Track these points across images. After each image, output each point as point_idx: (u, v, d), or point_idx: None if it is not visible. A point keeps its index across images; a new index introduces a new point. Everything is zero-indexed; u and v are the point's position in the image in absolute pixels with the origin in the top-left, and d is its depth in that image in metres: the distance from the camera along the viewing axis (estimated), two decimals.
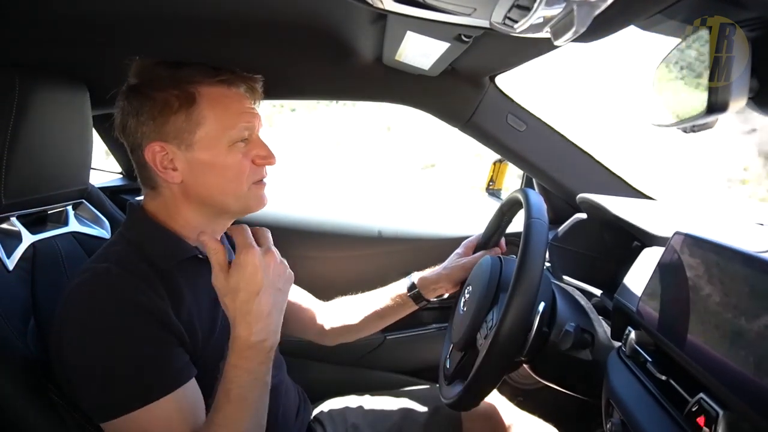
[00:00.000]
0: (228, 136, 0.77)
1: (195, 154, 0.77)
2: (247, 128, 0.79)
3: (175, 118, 0.76)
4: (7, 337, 0.73)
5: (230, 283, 0.68)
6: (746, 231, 0.89)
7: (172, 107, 0.76)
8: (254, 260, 0.69)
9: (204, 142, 0.77)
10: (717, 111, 0.58)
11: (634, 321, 0.76)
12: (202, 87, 0.77)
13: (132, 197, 1.47)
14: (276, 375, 0.92)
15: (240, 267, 0.68)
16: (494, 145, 1.37)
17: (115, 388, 0.66)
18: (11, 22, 0.86)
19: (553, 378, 0.89)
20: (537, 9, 0.43)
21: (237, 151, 0.79)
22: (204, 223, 0.82)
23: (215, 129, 0.77)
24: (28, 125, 0.81)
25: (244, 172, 0.79)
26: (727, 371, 0.51)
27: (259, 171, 0.82)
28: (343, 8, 0.84)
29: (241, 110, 0.80)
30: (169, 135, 0.77)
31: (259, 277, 0.69)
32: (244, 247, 0.69)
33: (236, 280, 0.68)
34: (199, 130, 0.76)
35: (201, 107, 0.77)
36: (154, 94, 0.77)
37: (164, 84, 0.77)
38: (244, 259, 0.69)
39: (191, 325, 0.75)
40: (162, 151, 0.76)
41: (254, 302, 0.68)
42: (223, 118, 0.78)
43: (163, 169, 0.77)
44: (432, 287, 1.07)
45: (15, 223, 0.86)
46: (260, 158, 0.81)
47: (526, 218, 0.82)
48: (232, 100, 0.80)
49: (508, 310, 0.74)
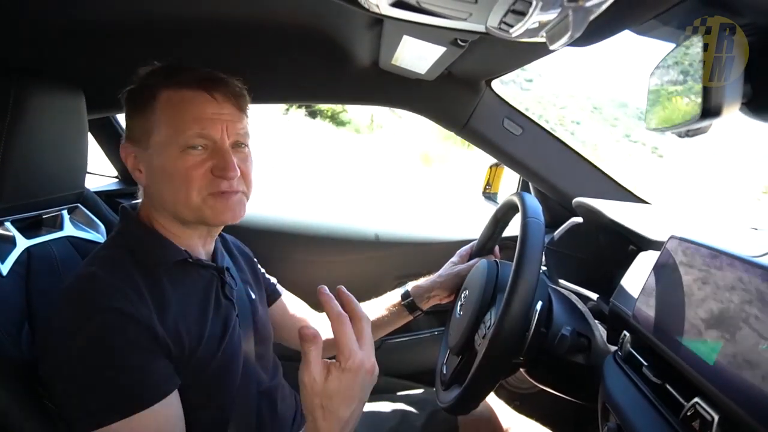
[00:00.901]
0: (178, 141, 0.74)
1: (150, 157, 0.76)
2: (200, 135, 0.75)
3: (138, 120, 0.77)
4: (1, 343, 0.72)
5: (327, 387, 0.61)
6: (741, 235, 0.90)
7: (136, 109, 0.77)
8: (358, 369, 0.62)
9: (157, 147, 0.75)
10: (711, 116, 0.58)
11: (630, 325, 0.76)
12: (165, 90, 0.76)
13: (128, 201, 1.47)
14: (273, 379, 0.92)
15: (342, 373, 0.61)
16: (490, 149, 1.37)
17: (94, 398, 0.64)
18: (7, 27, 0.86)
19: (550, 382, 0.89)
20: (533, 14, 0.43)
21: (188, 158, 0.74)
22: (180, 230, 0.80)
23: (167, 133, 0.75)
24: (23, 129, 0.81)
25: (193, 180, 0.74)
26: (723, 376, 0.51)
27: (216, 182, 0.76)
28: (339, 13, 0.85)
29: (197, 115, 0.75)
30: (134, 137, 0.78)
31: (358, 389, 0.63)
32: (350, 354, 0.61)
33: (335, 388, 0.61)
34: (154, 133, 0.76)
35: (157, 110, 0.75)
36: (130, 96, 0.79)
37: (136, 87, 0.78)
38: (350, 366, 0.61)
39: (177, 333, 0.72)
40: (132, 153, 0.78)
41: (344, 415, 0.62)
42: (176, 122, 0.75)
43: (133, 170, 0.79)
44: (426, 296, 1.07)
45: (9, 228, 0.85)
46: (217, 169, 0.75)
47: (522, 218, 0.83)
48: (191, 104, 0.75)
49: (507, 307, 0.73)
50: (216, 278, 0.84)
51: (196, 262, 0.81)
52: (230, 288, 0.86)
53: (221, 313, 0.82)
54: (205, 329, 0.77)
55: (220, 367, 0.77)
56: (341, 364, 0.61)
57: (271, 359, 0.96)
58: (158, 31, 0.94)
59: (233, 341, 0.81)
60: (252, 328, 0.89)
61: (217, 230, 0.86)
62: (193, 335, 0.75)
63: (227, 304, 0.84)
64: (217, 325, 0.80)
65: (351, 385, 0.62)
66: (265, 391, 0.88)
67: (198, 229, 0.82)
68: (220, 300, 0.83)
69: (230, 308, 0.84)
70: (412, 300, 1.07)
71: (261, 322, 0.93)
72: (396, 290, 1.11)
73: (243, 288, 0.92)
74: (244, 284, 0.93)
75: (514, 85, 56.69)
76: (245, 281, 0.95)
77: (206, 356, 0.76)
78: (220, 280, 0.84)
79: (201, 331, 0.77)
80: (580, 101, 45.27)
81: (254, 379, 0.86)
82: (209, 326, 0.78)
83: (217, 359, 0.77)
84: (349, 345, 0.62)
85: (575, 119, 44.09)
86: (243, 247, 1.06)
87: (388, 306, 1.09)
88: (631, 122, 44.21)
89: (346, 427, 0.63)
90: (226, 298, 0.84)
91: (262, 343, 0.91)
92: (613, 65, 27.46)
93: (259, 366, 0.88)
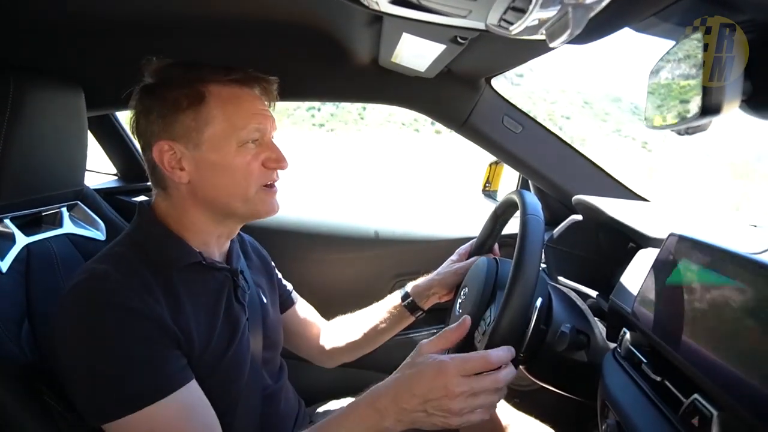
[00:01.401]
0: (237, 137, 0.76)
1: (203, 153, 0.76)
2: (257, 129, 0.78)
3: (184, 117, 0.75)
4: (0, 340, 0.72)
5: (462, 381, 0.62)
6: (740, 232, 0.90)
7: (180, 106, 0.75)
8: (453, 388, 0.62)
9: (212, 142, 0.76)
10: (711, 113, 0.58)
11: (630, 322, 0.76)
12: (213, 86, 0.77)
13: (128, 198, 1.47)
14: (278, 381, 0.92)
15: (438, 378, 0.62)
16: (490, 147, 1.37)
17: (110, 390, 0.65)
18: (6, 24, 0.85)
19: (549, 379, 0.89)
20: (532, 11, 0.43)
21: (246, 153, 0.77)
22: (211, 226, 0.81)
23: (224, 128, 0.76)
24: (22, 126, 0.81)
25: (253, 174, 0.78)
26: (722, 372, 0.52)
27: (268, 174, 0.80)
28: (339, 10, 0.85)
29: (252, 110, 0.78)
30: (177, 134, 0.76)
31: (441, 402, 0.63)
32: (458, 375, 0.62)
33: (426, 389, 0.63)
34: (207, 129, 0.76)
35: (210, 106, 0.76)
36: (165, 93, 0.76)
37: (175, 83, 0.76)
38: (449, 381, 0.62)
39: (188, 334, 0.73)
40: (170, 150, 0.76)
41: (417, 412, 0.63)
42: (233, 118, 0.76)
43: (170, 169, 0.77)
44: (425, 294, 1.07)
45: (9, 225, 0.85)
46: (271, 161, 0.79)
47: (522, 215, 0.83)
48: (243, 99, 0.78)
49: (507, 302, 0.73)
50: (229, 281, 0.84)
51: (210, 265, 0.81)
52: (242, 291, 0.85)
53: (232, 316, 0.82)
54: (215, 332, 0.77)
55: (226, 371, 0.77)
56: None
57: (278, 364, 0.96)
58: (157, 28, 0.94)
59: (241, 345, 0.81)
60: (261, 332, 0.89)
61: (239, 228, 0.87)
62: (202, 337, 0.75)
63: (238, 308, 0.83)
64: (227, 329, 0.80)
65: (436, 396, 0.62)
66: (270, 395, 0.88)
67: (230, 225, 0.84)
68: (232, 303, 0.83)
69: (241, 312, 0.84)
70: (412, 300, 1.06)
71: (271, 327, 0.93)
72: (395, 292, 1.11)
73: (255, 291, 0.91)
74: (256, 287, 0.93)
75: (505, 80, 56.63)
76: (258, 284, 0.95)
77: (213, 359, 0.76)
78: (233, 283, 0.84)
79: (210, 333, 0.77)
80: (571, 96, 45.28)
81: (259, 384, 0.86)
82: (219, 329, 0.78)
83: (224, 363, 0.77)
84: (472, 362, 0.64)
85: (565, 114, 44.10)
86: (260, 249, 1.06)
87: (389, 309, 1.08)
88: (624, 117, 44.18)
89: (414, 411, 0.63)
90: (237, 301, 0.84)
91: (270, 348, 0.91)
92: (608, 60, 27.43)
93: (265, 371, 0.89)
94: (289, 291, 1.10)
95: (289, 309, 1.08)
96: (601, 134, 43.57)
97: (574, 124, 43.20)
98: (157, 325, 0.69)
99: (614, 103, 45.21)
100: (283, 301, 1.06)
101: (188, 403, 0.69)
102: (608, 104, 44.74)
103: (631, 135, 42.59)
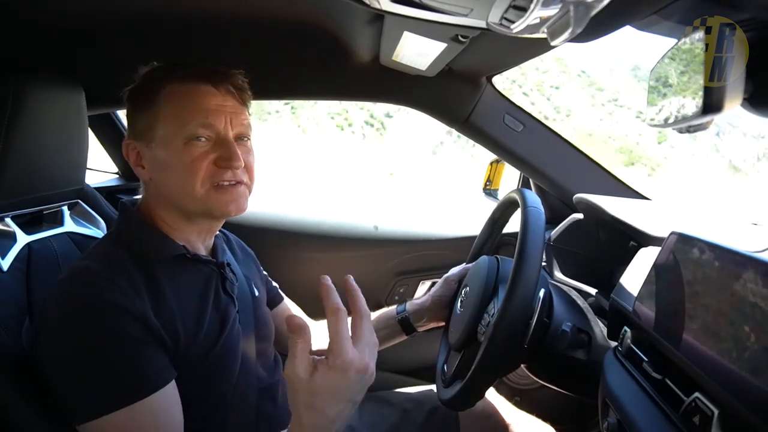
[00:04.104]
0: (182, 133, 0.75)
1: (154, 151, 0.77)
2: (204, 125, 0.76)
3: (141, 116, 0.78)
4: (1, 338, 0.72)
5: (311, 384, 0.57)
6: (741, 231, 0.90)
7: (139, 105, 0.78)
8: (347, 368, 0.57)
9: (162, 140, 0.76)
10: (712, 111, 0.58)
11: (630, 321, 0.76)
12: (167, 84, 0.77)
13: (128, 197, 1.47)
14: (273, 375, 0.92)
15: (329, 371, 0.57)
16: (491, 146, 1.37)
17: (90, 390, 0.65)
18: (6, 24, 0.85)
19: (550, 378, 0.89)
20: (534, 9, 0.43)
21: (193, 150, 0.75)
22: (183, 223, 0.81)
23: (171, 126, 0.76)
24: (23, 125, 0.81)
25: (197, 171, 0.75)
26: (723, 371, 0.52)
27: (220, 173, 0.77)
28: (340, 9, 0.85)
29: (201, 107, 0.76)
30: (137, 132, 0.79)
31: (345, 389, 0.58)
32: (340, 352, 0.57)
33: (320, 385, 0.57)
34: (158, 127, 0.76)
35: (161, 104, 0.76)
36: (133, 94, 0.80)
37: (140, 84, 0.79)
38: (339, 364, 0.57)
39: (172, 327, 0.72)
40: (134, 149, 0.79)
41: (329, 415, 0.58)
42: (181, 114, 0.76)
43: (135, 167, 0.80)
44: (422, 314, 1.06)
45: (10, 224, 0.85)
46: (221, 160, 0.76)
47: (522, 209, 0.83)
48: (194, 96, 0.77)
49: (512, 290, 0.73)
50: (216, 274, 0.84)
51: (194, 258, 0.81)
52: (230, 284, 0.85)
53: (220, 308, 0.82)
54: (203, 324, 0.77)
55: (217, 362, 0.77)
56: (329, 361, 0.57)
57: (272, 356, 0.96)
58: (158, 27, 0.94)
59: (232, 337, 0.81)
60: (253, 324, 0.89)
61: (218, 225, 0.86)
62: (189, 330, 0.75)
63: (227, 300, 0.83)
64: (216, 321, 0.80)
65: (338, 384, 0.57)
66: (266, 388, 0.88)
67: (200, 223, 0.82)
68: (220, 295, 0.83)
69: (230, 304, 0.84)
70: (407, 317, 1.06)
71: (263, 319, 0.93)
72: (392, 307, 1.10)
73: (246, 284, 0.91)
74: (247, 280, 0.93)
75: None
76: (249, 277, 0.95)
77: (202, 351, 0.76)
78: (219, 276, 0.84)
79: (198, 326, 0.77)
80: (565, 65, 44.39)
81: (253, 376, 0.86)
82: (207, 321, 0.78)
83: (213, 354, 0.77)
84: (341, 342, 0.57)
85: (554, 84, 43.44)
86: (246, 248, 1.06)
87: (382, 323, 1.07)
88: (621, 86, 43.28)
89: (332, 426, 0.59)
90: (226, 293, 0.84)
91: (262, 340, 0.91)
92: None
93: (258, 363, 0.88)
94: (275, 288, 1.10)
95: (276, 307, 1.08)
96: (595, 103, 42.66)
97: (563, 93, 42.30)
98: (139, 322, 0.68)
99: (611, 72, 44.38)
100: (270, 298, 1.06)
101: (164, 408, 0.68)
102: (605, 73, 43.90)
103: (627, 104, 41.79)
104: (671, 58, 0.66)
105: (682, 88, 0.63)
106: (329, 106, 35.90)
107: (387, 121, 36.38)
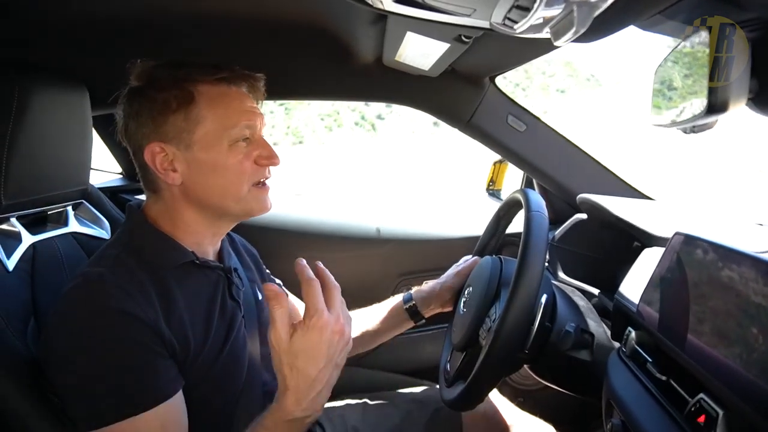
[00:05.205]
0: (228, 136, 0.76)
1: (194, 154, 0.76)
2: (248, 127, 0.78)
3: (174, 118, 0.75)
4: (6, 338, 0.72)
5: (292, 345, 0.63)
6: (746, 231, 0.90)
7: (170, 107, 0.75)
8: (324, 328, 0.64)
9: (203, 142, 0.76)
10: (717, 111, 0.58)
11: (635, 321, 0.76)
12: (201, 86, 0.76)
13: (132, 197, 1.47)
14: (277, 378, 0.92)
15: (307, 332, 0.63)
16: (494, 146, 1.37)
17: (99, 398, 0.65)
18: (10, 24, 0.86)
19: (554, 378, 0.89)
20: (537, 9, 0.43)
21: (238, 151, 0.77)
22: (204, 226, 0.81)
23: (215, 128, 0.76)
24: (27, 126, 0.81)
25: (245, 172, 0.77)
26: (728, 372, 0.51)
27: (260, 172, 0.80)
28: (343, 9, 0.85)
29: (241, 109, 0.78)
30: (168, 135, 0.76)
31: (324, 348, 0.64)
32: (316, 312, 0.64)
33: (300, 345, 0.63)
34: (198, 129, 0.75)
35: (200, 106, 0.75)
36: (154, 95, 0.76)
37: (163, 84, 0.76)
38: (315, 323, 0.63)
39: (183, 334, 0.73)
40: (161, 152, 0.76)
41: (311, 374, 0.64)
42: (223, 117, 0.76)
43: (163, 171, 0.76)
44: (429, 300, 1.07)
45: (15, 224, 0.86)
46: (263, 158, 0.79)
47: (525, 212, 0.83)
48: (232, 98, 0.78)
49: (513, 298, 0.73)
50: (223, 279, 0.84)
51: (203, 264, 0.81)
52: (237, 289, 0.85)
53: (227, 314, 0.82)
54: (211, 331, 0.77)
55: (223, 368, 0.78)
56: (306, 322, 0.64)
57: None
58: (161, 28, 0.94)
59: (238, 342, 0.81)
60: (257, 329, 0.89)
61: (229, 227, 0.87)
62: (198, 337, 0.75)
63: (233, 306, 0.83)
64: (222, 327, 0.80)
65: (317, 344, 0.64)
66: (270, 392, 0.88)
67: (225, 225, 0.84)
68: (226, 301, 0.83)
69: (236, 309, 0.84)
70: (414, 305, 1.07)
71: (267, 323, 0.93)
72: (399, 295, 1.11)
73: (250, 288, 0.91)
74: (251, 284, 0.93)
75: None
76: (252, 281, 0.95)
77: (210, 357, 0.76)
78: (227, 281, 0.84)
79: (206, 332, 0.77)
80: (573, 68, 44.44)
81: (259, 380, 0.86)
82: (214, 328, 0.78)
83: (221, 360, 0.77)
84: (316, 305, 0.64)
85: (560, 88, 43.55)
86: (250, 247, 1.06)
87: (389, 310, 1.08)
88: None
89: (315, 385, 0.65)
90: (232, 299, 0.84)
91: (267, 344, 0.91)
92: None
93: (264, 367, 0.88)
94: (279, 286, 1.10)
95: None
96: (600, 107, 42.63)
97: (569, 97, 42.35)
98: (149, 330, 0.68)
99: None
100: None
101: (171, 417, 0.68)
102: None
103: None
104: (674, 60, 0.66)
105: (687, 89, 0.63)
106: (321, 107, 35.99)
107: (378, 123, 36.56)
